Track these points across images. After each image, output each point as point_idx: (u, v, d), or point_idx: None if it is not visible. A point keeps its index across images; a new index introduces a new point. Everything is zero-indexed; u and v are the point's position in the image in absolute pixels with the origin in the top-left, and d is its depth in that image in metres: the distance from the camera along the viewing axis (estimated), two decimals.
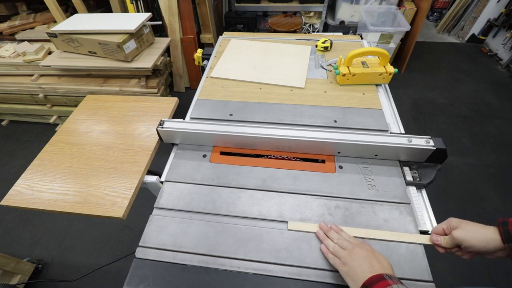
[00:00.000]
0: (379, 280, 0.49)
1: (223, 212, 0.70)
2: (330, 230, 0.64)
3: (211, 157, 0.83)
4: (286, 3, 2.93)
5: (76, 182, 0.78)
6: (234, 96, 1.01)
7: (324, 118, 0.92)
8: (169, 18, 2.31)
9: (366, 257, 0.55)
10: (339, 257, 0.58)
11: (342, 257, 0.57)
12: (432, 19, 3.69)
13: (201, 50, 1.30)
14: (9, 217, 1.82)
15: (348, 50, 1.23)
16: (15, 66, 2.04)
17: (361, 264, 0.54)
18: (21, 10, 2.38)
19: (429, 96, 2.60)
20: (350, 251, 0.57)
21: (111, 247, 1.66)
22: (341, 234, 0.63)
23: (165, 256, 0.63)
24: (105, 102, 1.05)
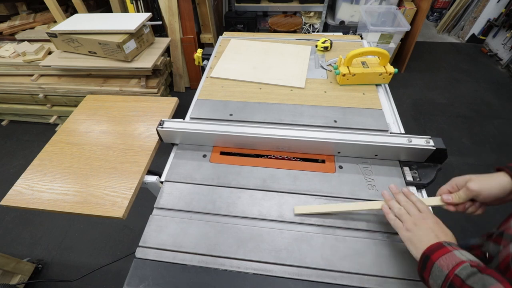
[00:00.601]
0: (438, 248, 0.49)
1: (223, 212, 0.70)
2: (399, 193, 0.63)
3: (211, 157, 0.83)
4: (286, 3, 2.93)
5: (76, 182, 0.78)
6: (234, 96, 1.01)
7: (324, 118, 0.92)
8: (169, 18, 2.31)
9: (433, 228, 0.54)
10: (403, 221, 0.57)
11: (406, 222, 0.57)
12: (432, 19, 3.69)
13: (201, 50, 1.30)
14: (9, 217, 1.82)
15: (348, 50, 1.23)
16: (15, 66, 2.04)
17: (427, 234, 0.53)
18: (21, 10, 2.38)
19: (429, 96, 2.60)
20: (417, 219, 0.56)
21: (111, 247, 1.66)
22: (411, 198, 0.61)
23: (165, 256, 0.63)
24: (105, 102, 1.05)
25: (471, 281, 0.42)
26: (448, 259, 0.47)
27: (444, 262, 0.47)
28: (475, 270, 0.43)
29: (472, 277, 0.43)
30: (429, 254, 0.50)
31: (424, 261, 0.50)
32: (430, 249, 0.50)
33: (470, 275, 0.43)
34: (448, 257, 0.47)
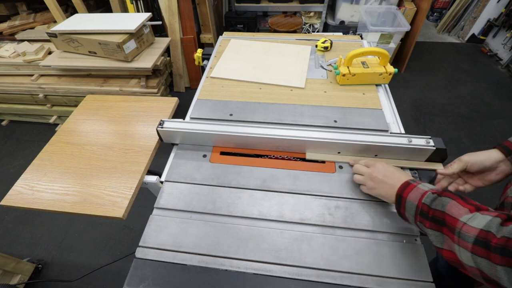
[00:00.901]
0: (406, 186, 0.59)
1: (223, 212, 0.70)
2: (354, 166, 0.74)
3: (211, 157, 0.83)
4: (286, 3, 2.93)
5: (76, 182, 0.78)
6: (234, 96, 1.01)
7: (324, 118, 0.92)
8: (169, 18, 2.31)
9: (386, 175, 0.65)
10: (364, 185, 0.69)
11: (367, 184, 0.68)
12: (432, 19, 3.69)
13: (201, 50, 1.30)
14: (9, 217, 1.82)
15: (348, 50, 1.23)
16: (15, 66, 2.04)
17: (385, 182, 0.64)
18: (21, 10, 2.38)
19: (429, 96, 2.60)
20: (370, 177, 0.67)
21: (111, 247, 1.66)
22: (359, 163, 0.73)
23: (165, 256, 0.63)
24: (105, 102, 1.05)
25: (434, 204, 0.52)
26: (415, 193, 0.56)
27: (412, 196, 0.57)
28: (435, 196, 0.53)
29: (435, 201, 0.52)
30: (401, 193, 0.59)
31: (398, 200, 0.60)
32: (401, 189, 0.60)
33: (433, 200, 0.53)
34: (415, 191, 0.57)
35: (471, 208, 0.47)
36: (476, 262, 0.42)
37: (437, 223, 0.50)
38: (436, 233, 0.50)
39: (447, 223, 0.48)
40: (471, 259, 0.43)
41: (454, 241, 0.46)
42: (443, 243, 0.49)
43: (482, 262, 0.41)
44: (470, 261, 0.43)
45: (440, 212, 0.50)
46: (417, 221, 0.55)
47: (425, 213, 0.53)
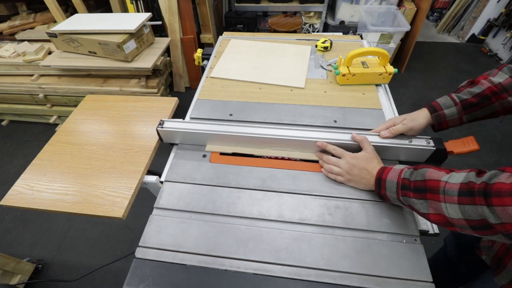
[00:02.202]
0: (383, 170, 0.65)
1: (223, 212, 0.70)
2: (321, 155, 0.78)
3: (211, 157, 0.83)
4: (286, 3, 2.93)
5: (76, 182, 0.78)
6: (234, 96, 1.01)
7: (324, 118, 0.92)
8: (169, 18, 2.31)
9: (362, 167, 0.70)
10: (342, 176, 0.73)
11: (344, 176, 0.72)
12: (432, 19, 3.69)
13: (201, 50, 1.30)
14: (9, 217, 1.82)
15: (348, 50, 1.23)
16: (15, 66, 2.04)
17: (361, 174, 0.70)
18: (21, 10, 2.38)
19: (429, 96, 2.60)
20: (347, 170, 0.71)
21: (111, 247, 1.66)
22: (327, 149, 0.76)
23: (165, 256, 0.63)
24: (105, 102, 1.05)
25: (413, 176, 0.57)
26: (393, 172, 0.63)
27: (391, 175, 0.62)
28: (412, 170, 0.59)
29: (413, 174, 0.58)
30: (380, 176, 0.65)
31: (378, 183, 0.66)
32: (379, 173, 0.66)
33: (411, 174, 0.58)
34: (392, 172, 0.63)
35: (446, 171, 0.54)
36: (464, 211, 0.47)
37: (420, 192, 0.55)
38: (420, 201, 0.55)
39: (429, 188, 0.53)
40: (459, 210, 0.47)
41: (440, 200, 0.50)
42: (428, 208, 0.53)
43: (469, 209, 0.46)
44: (458, 213, 0.47)
45: (420, 181, 0.55)
46: (399, 196, 0.59)
47: (407, 185, 0.58)
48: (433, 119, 0.73)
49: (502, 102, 0.66)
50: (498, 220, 0.42)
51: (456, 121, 0.71)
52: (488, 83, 0.67)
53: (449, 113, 0.71)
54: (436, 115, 0.72)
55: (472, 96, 0.68)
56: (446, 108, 0.71)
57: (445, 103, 0.71)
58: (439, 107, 0.72)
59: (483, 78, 0.68)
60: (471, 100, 0.68)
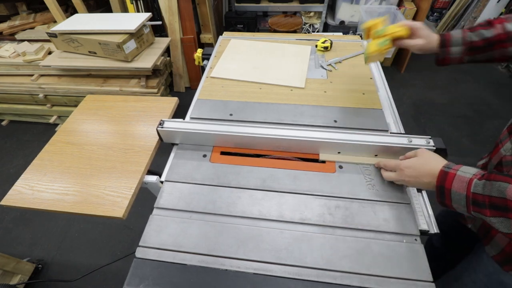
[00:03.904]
0: (445, 176, 0.57)
1: (223, 212, 0.70)
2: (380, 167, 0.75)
3: (211, 157, 0.83)
4: (286, 3, 2.93)
5: (76, 182, 0.78)
6: (234, 96, 1.01)
7: (324, 118, 0.92)
8: (169, 18, 2.31)
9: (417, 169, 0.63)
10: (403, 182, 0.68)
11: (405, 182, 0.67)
12: (432, 19, 3.69)
13: (201, 50, 1.30)
14: (9, 217, 1.82)
15: (349, 50, 1.24)
16: (15, 66, 2.04)
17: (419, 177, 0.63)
18: (21, 10, 2.38)
19: (429, 96, 2.60)
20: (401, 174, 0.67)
21: (111, 247, 1.66)
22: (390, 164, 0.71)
23: (165, 256, 0.63)
24: (105, 102, 1.05)
25: (488, 190, 0.50)
26: (459, 182, 0.54)
27: (457, 185, 0.54)
28: (484, 181, 0.51)
29: (486, 187, 0.50)
30: (441, 184, 0.57)
31: (441, 192, 0.57)
32: (440, 180, 0.57)
33: (484, 187, 0.50)
34: (458, 181, 0.54)
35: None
36: None
37: (500, 210, 0.48)
38: (500, 220, 0.49)
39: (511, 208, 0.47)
40: None
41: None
42: (510, 228, 0.48)
43: None
44: None
45: (499, 199, 0.48)
46: (470, 211, 0.53)
47: (481, 202, 0.50)
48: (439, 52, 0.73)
49: (503, 51, 0.66)
50: None
51: (456, 60, 0.72)
52: (500, 29, 0.65)
53: (453, 51, 0.71)
54: (443, 50, 0.72)
55: (481, 39, 0.67)
56: (453, 46, 0.70)
57: (456, 40, 0.70)
58: (449, 42, 0.71)
59: (499, 22, 0.67)
60: (477, 43, 0.68)
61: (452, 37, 0.71)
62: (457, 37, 0.70)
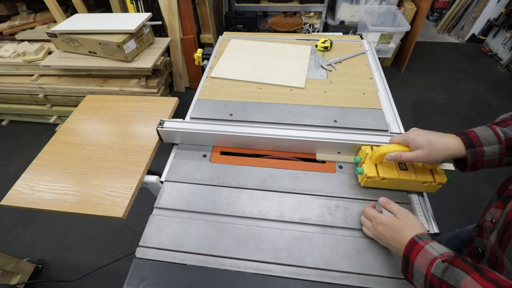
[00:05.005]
0: (413, 246, 0.51)
1: (223, 212, 0.70)
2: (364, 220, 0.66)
3: (211, 157, 0.83)
4: (286, 3, 2.93)
5: (76, 182, 0.78)
6: (234, 96, 1.01)
7: (324, 118, 0.92)
8: (169, 18, 2.31)
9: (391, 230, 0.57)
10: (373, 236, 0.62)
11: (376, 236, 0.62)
12: (432, 19, 3.69)
13: (201, 50, 1.30)
14: (9, 217, 1.82)
15: (349, 50, 1.24)
16: (15, 66, 2.04)
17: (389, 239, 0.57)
18: (21, 10, 2.38)
19: (429, 96, 2.60)
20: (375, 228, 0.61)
21: (111, 247, 1.66)
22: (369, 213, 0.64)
23: (165, 256, 0.63)
24: (105, 102, 1.05)
25: (447, 276, 0.44)
26: (422, 258, 0.49)
27: (420, 261, 0.49)
28: (446, 265, 0.46)
29: (446, 273, 0.45)
30: (408, 254, 0.52)
31: (406, 264, 0.52)
32: (407, 249, 0.52)
33: (444, 271, 0.45)
34: (422, 256, 0.49)
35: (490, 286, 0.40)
36: None
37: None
38: None
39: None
40: None
41: None
42: None
43: None
44: None
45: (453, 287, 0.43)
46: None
47: (436, 287, 0.46)
48: (468, 156, 0.55)
49: None
50: None
51: (494, 162, 0.56)
52: None
53: (489, 151, 0.54)
54: (473, 152, 0.55)
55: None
56: (488, 145, 0.54)
57: (487, 137, 0.54)
58: (478, 141, 0.54)
59: None
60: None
61: (480, 133, 0.55)
62: (487, 134, 0.54)
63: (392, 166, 0.70)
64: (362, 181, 0.73)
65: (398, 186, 0.72)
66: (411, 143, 0.62)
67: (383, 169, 0.69)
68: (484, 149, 0.54)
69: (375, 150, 0.69)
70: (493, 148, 0.54)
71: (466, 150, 0.56)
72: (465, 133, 0.57)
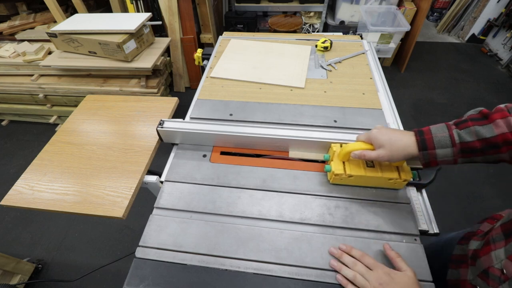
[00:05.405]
0: None
1: (223, 212, 0.70)
2: (342, 255, 0.60)
3: (211, 157, 0.83)
4: (286, 3, 2.93)
5: (76, 182, 0.78)
6: (234, 96, 1.01)
7: (324, 118, 0.92)
8: (169, 18, 2.31)
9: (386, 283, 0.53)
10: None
11: None
12: (432, 19, 3.69)
13: (201, 50, 1.30)
14: (9, 217, 1.82)
15: (349, 50, 1.24)
16: (15, 66, 2.04)
17: None
18: (21, 10, 2.38)
19: (429, 96, 2.60)
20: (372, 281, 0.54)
21: (111, 247, 1.66)
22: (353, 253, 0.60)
23: (165, 256, 0.63)
24: (105, 102, 1.05)
25: None
26: None
27: None
28: None
29: None
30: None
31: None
32: None
33: None
34: None
35: None
36: None
37: None
38: None
39: None
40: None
41: None
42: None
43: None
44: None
45: None
46: None
47: None
48: (421, 157, 0.57)
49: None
50: None
51: (449, 162, 0.56)
52: (504, 127, 0.50)
53: (441, 153, 0.55)
54: (425, 154, 0.56)
55: (478, 140, 0.52)
56: (440, 148, 0.55)
57: (441, 140, 0.55)
58: (432, 144, 0.55)
59: (501, 116, 0.51)
60: (473, 145, 0.52)
61: (434, 136, 0.55)
62: (442, 137, 0.55)
63: (359, 164, 0.72)
64: (330, 178, 0.75)
65: (365, 183, 0.73)
66: (373, 142, 0.63)
67: (351, 166, 0.71)
68: (437, 152, 0.55)
69: (342, 148, 0.71)
70: (446, 151, 0.55)
71: (418, 152, 0.57)
72: (422, 133, 0.57)
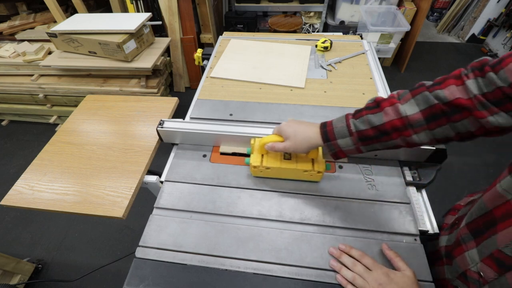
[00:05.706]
0: None
1: (223, 212, 0.71)
2: (341, 255, 0.61)
3: (211, 157, 0.83)
4: (286, 3, 2.93)
5: (76, 182, 0.78)
6: (234, 96, 1.01)
7: (324, 118, 0.90)
8: (169, 18, 2.31)
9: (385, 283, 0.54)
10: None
11: None
12: (432, 19, 3.69)
13: (201, 50, 1.31)
14: (9, 217, 1.82)
15: (349, 50, 1.24)
16: (15, 66, 2.04)
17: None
18: (21, 10, 2.38)
19: None
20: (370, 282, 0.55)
21: (111, 247, 1.66)
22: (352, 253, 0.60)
23: (165, 256, 0.63)
24: (105, 102, 1.05)
25: None
26: None
27: None
28: None
29: None
30: None
31: None
32: None
33: None
34: None
35: None
36: None
37: None
38: None
39: None
40: None
41: None
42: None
43: None
44: None
45: None
46: None
47: None
48: (327, 148, 0.60)
49: (405, 139, 0.52)
50: None
51: (353, 151, 0.58)
52: (392, 114, 0.51)
53: (343, 143, 0.57)
54: (329, 144, 0.59)
55: (371, 128, 0.54)
56: (341, 138, 0.57)
57: (340, 130, 0.57)
58: (333, 135, 0.58)
59: (389, 104, 0.53)
60: (367, 133, 0.54)
61: (335, 127, 0.58)
62: (341, 127, 0.57)
63: (276, 156, 0.73)
64: (252, 172, 0.76)
65: (284, 175, 0.75)
66: (282, 134, 0.65)
67: (268, 159, 0.73)
68: (338, 142, 0.58)
69: (258, 141, 0.73)
70: (346, 140, 0.57)
71: (323, 143, 0.60)
72: (325, 125, 0.60)
